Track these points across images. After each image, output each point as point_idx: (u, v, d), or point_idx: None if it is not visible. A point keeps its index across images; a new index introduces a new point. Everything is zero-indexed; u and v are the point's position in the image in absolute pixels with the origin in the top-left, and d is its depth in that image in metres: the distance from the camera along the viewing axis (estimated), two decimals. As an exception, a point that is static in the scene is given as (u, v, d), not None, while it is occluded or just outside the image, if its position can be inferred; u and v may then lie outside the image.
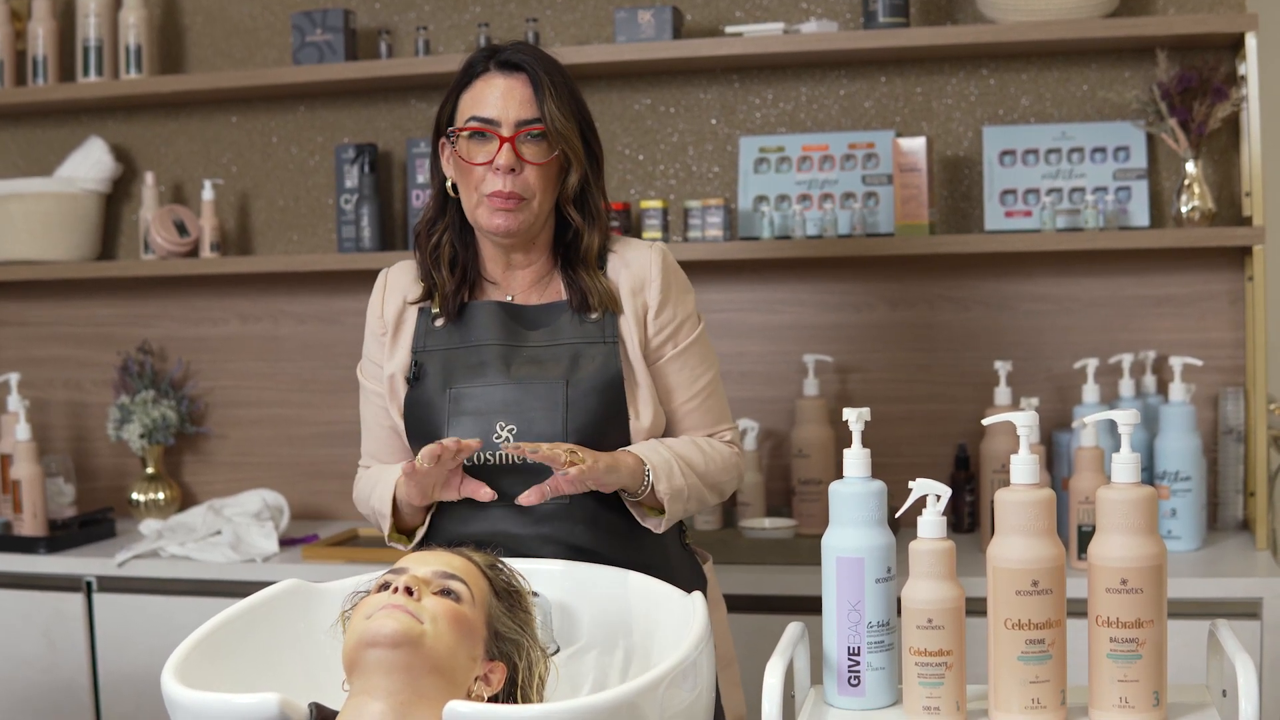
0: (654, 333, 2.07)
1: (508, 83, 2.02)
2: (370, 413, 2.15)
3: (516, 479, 1.99)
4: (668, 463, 1.99)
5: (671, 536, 2.11)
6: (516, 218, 2.01)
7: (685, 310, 2.10)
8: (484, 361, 2.04)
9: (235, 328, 3.42)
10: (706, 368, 2.11)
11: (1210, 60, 2.84)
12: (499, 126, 2.00)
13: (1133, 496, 1.54)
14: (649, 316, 2.07)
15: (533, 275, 2.10)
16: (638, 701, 1.51)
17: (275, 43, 3.36)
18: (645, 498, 1.99)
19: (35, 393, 3.47)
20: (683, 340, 2.09)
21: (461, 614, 1.65)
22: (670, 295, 2.08)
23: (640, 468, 1.97)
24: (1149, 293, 2.98)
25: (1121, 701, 1.53)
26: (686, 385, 2.09)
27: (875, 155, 3.03)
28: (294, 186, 3.38)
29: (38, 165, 3.50)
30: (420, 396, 2.05)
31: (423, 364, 2.07)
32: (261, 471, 3.41)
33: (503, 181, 1.99)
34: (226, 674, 1.70)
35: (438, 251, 2.09)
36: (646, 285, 2.07)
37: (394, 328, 2.12)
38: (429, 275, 2.10)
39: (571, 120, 2.02)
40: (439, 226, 2.11)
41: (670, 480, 1.98)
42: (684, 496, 2.00)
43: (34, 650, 3.02)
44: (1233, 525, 2.90)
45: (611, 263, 2.09)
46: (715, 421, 2.11)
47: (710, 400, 2.11)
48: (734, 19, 3.11)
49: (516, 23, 3.20)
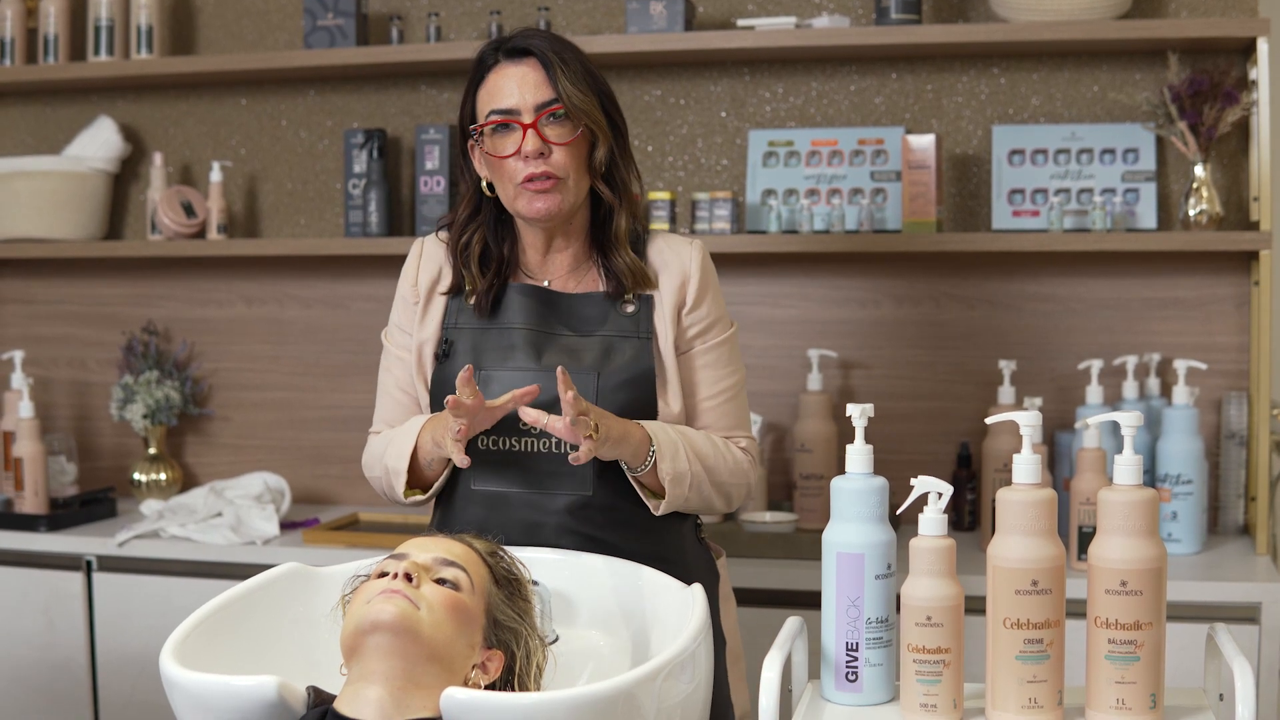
0: (687, 325, 2.07)
1: (519, 70, 2.01)
2: (391, 380, 2.13)
3: (537, 467, 1.99)
4: (674, 444, 1.98)
5: (687, 530, 2.10)
6: (554, 199, 1.99)
7: (719, 310, 2.10)
8: (514, 345, 2.03)
9: (240, 310, 3.43)
10: (731, 371, 2.10)
11: (1221, 64, 2.84)
12: (519, 115, 1.99)
13: (1134, 499, 1.54)
14: (684, 310, 2.07)
15: (570, 261, 2.09)
16: (635, 692, 1.52)
17: (286, 26, 3.35)
18: (646, 476, 1.98)
19: (39, 371, 3.48)
20: (712, 339, 2.09)
21: (460, 602, 1.66)
22: (708, 293, 2.08)
23: (646, 444, 1.96)
24: (1155, 295, 2.98)
25: (1119, 703, 1.53)
26: (709, 383, 2.08)
27: (884, 151, 3.03)
28: (302, 170, 3.38)
29: (46, 144, 3.50)
30: (448, 374, 2.03)
31: (453, 341, 2.06)
32: (264, 454, 3.42)
33: (534, 166, 1.98)
34: (225, 656, 1.70)
35: (467, 251, 2.08)
36: (687, 280, 2.07)
37: (426, 298, 2.10)
38: (459, 269, 2.09)
39: (590, 94, 2.01)
40: (471, 226, 2.09)
41: (674, 462, 1.97)
42: (686, 483, 1.98)
43: (33, 628, 3.03)
44: (1233, 529, 2.90)
45: (653, 255, 2.08)
46: (733, 426, 2.10)
47: (731, 404, 2.10)
48: (746, 12, 3.11)
49: (528, 11, 3.20)
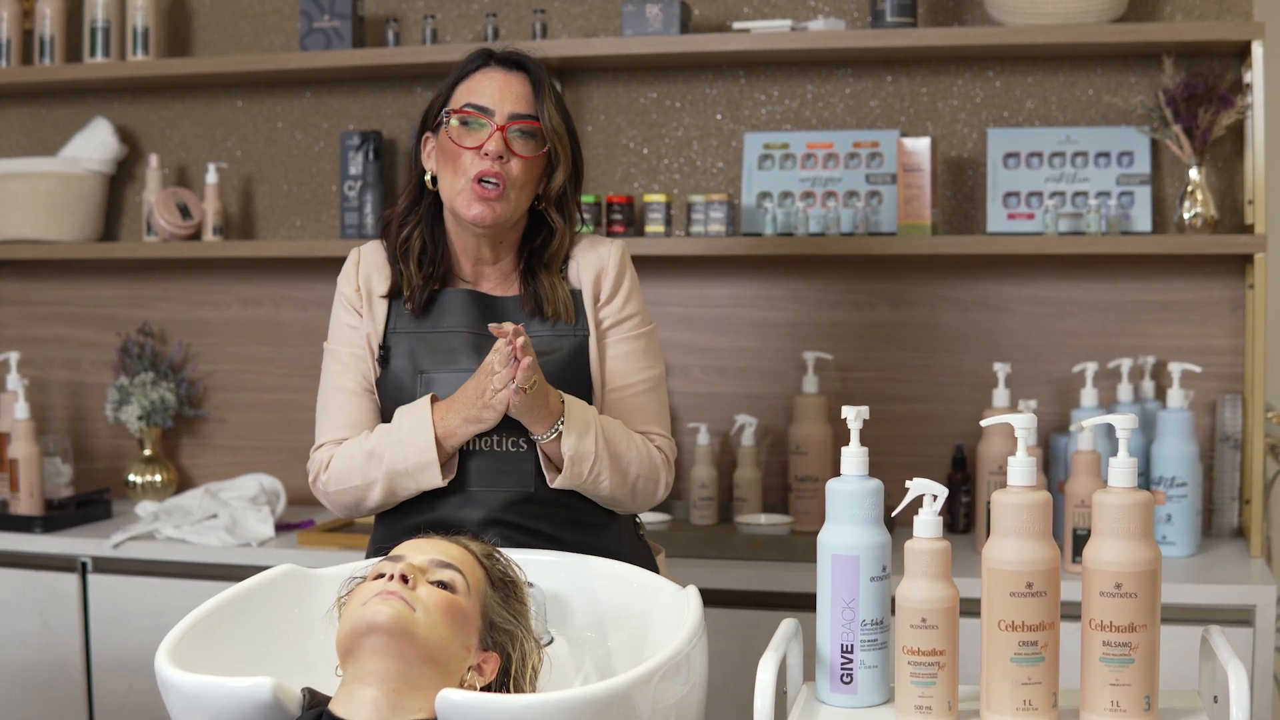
0: (602, 317, 2.11)
1: (506, 77, 2.06)
2: (349, 379, 2.10)
3: (483, 467, 2.01)
4: (586, 424, 1.99)
5: (626, 527, 2.14)
6: (495, 208, 2.02)
7: (636, 307, 2.14)
8: (454, 348, 2.06)
9: (236, 312, 3.43)
10: (649, 365, 2.13)
11: (1216, 68, 2.85)
12: (492, 115, 2.03)
13: (1129, 501, 1.54)
14: (599, 302, 2.11)
15: (500, 273, 2.13)
16: (630, 694, 1.52)
17: (282, 28, 3.35)
18: (548, 447, 1.99)
19: (35, 372, 3.48)
20: (626, 331, 2.12)
21: (456, 604, 1.66)
22: (622, 287, 2.12)
23: (557, 416, 1.97)
24: (1149, 298, 2.98)
25: (1113, 705, 1.53)
26: (623, 374, 2.10)
27: (879, 154, 3.03)
28: (298, 172, 3.38)
29: (42, 145, 3.50)
30: (390, 379, 2.07)
31: (390, 346, 2.08)
32: (259, 456, 3.42)
33: (489, 165, 2.00)
34: (220, 657, 1.70)
35: (407, 245, 2.11)
36: (603, 273, 2.11)
37: (366, 303, 2.12)
38: (396, 266, 2.12)
39: (563, 127, 2.07)
40: (411, 219, 2.12)
41: (580, 441, 1.97)
42: (587, 464, 1.98)
43: (28, 629, 3.03)
44: (1227, 532, 2.90)
45: (571, 264, 2.13)
46: (648, 420, 2.11)
47: (646, 398, 2.11)
48: (742, 15, 3.11)
49: (524, 14, 3.20)
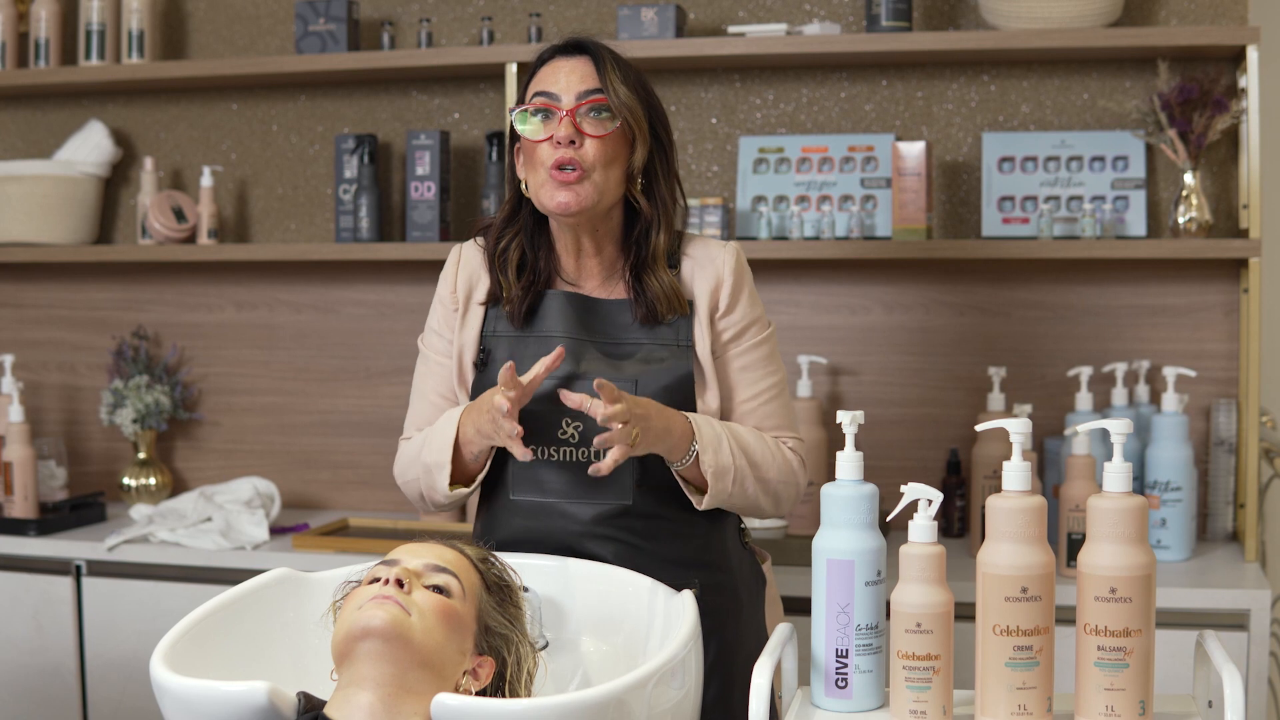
0: (722, 330, 2.06)
1: (570, 63, 2.01)
2: (429, 384, 2.11)
3: (572, 476, 1.98)
4: (718, 437, 1.95)
5: (731, 534, 2.09)
6: (577, 192, 1.97)
7: (755, 312, 2.08)
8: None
9: (231, 315, 3.42)
10: (771, 371, 2.08)
11: (1211, 72, 2.85)
12: (559, 100, 1.98)
13: (1124, 506, 1.54)
14: (718, 315, 2.05)
15: (603, 269, 2.07)
16: (625, 698, 1.52)
17: (278, 31, 3.35)
18: (688, 471, 1.96)
19: (29, 375, 3.47)
20: (748, 341, 2.07)
21: (451, 608, 1.66)
22: (741, 295, 2.07)
23: (689, 438, 1.93)
24: (1144, 302, 2.98)
25: (1108, 710, 1.53)
26: (748, 385, 2.06)
27: (874, 158, 3.03)
28: (293, 175, 3.38)
29: (37, 148, 3.50)
30: (487, 382, 2.03)
31: (490, 349, 2.05)
32: (253, 459, 3.41)
33: (563, 153, 1.96)
34: (215, 661, 1.70)
35: (505, 256, 2.07)
36: (720, 284, 2.05)
37: (464, 305, 2.09)
38: (495, 277, 2.08)
39: (636, 96, 2.01)
40: (509, 230, 2.08)
41: (717, 456, 1.94)
42: (729, 477, 1.95)
43: (22, 633, 3.02)
44: (1222, 536, 2.91)
45: (685, 263, 2.07)
46: (777, 427, 2.07)
47: (772, 404, 2.07)
48: (737, 19, 3.11)
49: (520, 17, 3.20)
